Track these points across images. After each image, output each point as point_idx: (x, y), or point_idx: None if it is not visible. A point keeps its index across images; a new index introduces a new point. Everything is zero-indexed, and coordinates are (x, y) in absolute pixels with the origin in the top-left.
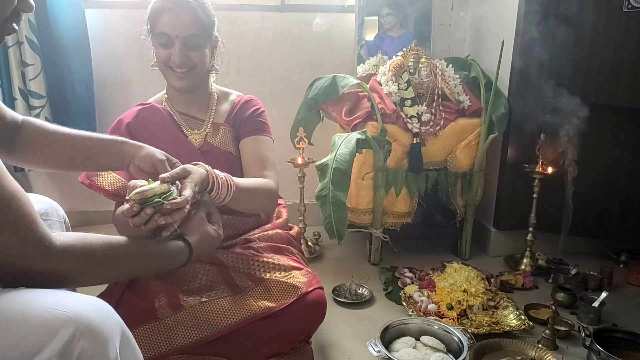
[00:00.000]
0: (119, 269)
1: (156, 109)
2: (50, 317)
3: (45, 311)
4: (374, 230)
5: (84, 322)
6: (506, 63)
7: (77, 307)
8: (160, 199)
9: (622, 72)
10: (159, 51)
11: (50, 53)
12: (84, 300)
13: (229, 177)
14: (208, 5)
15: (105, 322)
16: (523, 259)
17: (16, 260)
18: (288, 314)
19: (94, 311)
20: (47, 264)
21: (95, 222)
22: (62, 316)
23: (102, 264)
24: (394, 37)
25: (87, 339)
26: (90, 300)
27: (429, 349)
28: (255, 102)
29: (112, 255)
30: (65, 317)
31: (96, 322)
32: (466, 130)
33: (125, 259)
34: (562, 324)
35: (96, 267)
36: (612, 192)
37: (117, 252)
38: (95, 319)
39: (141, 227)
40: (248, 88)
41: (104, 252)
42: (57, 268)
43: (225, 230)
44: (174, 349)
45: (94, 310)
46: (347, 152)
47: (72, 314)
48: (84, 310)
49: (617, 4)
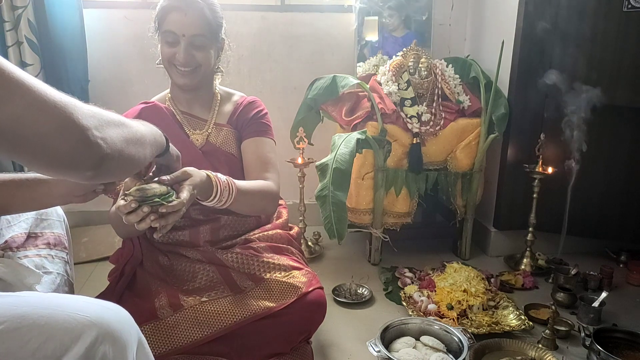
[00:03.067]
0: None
1: (159, 107)
2: (72, 322)
3: (67, 316)
4: (374, 230)
5: (105, 327)
6: (506, 63)
7: (99, 312)
8: (159, 199)
9: (622, 72)
10: (165, 49)
11: (49, 53)
12: (104, 305)
13: (231, 180)
14: (216, 7)
15: (124, 327)
16: (523, 259)
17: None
18: (288, 314)
19: (114, 317)
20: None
21: (95, 222)
22: (85, 321)
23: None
24: (397, 38)
25: (109, 344)
26: (110, 306)
27: (429, 349)
28: (258, 104)
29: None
30: (87, 322)
31: (116, 327)
32: (466, 130)
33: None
34: (562, 324)
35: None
36: (612, 192)
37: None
38: (116, 324)
39: (134, 225)
40: (248, 88)
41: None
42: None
43: (225, 230)
44: (174, 349)
45: (114, 316)
46: (347, 152)
47: (94, 319)
48: (105, 315)
49: (617, 4)
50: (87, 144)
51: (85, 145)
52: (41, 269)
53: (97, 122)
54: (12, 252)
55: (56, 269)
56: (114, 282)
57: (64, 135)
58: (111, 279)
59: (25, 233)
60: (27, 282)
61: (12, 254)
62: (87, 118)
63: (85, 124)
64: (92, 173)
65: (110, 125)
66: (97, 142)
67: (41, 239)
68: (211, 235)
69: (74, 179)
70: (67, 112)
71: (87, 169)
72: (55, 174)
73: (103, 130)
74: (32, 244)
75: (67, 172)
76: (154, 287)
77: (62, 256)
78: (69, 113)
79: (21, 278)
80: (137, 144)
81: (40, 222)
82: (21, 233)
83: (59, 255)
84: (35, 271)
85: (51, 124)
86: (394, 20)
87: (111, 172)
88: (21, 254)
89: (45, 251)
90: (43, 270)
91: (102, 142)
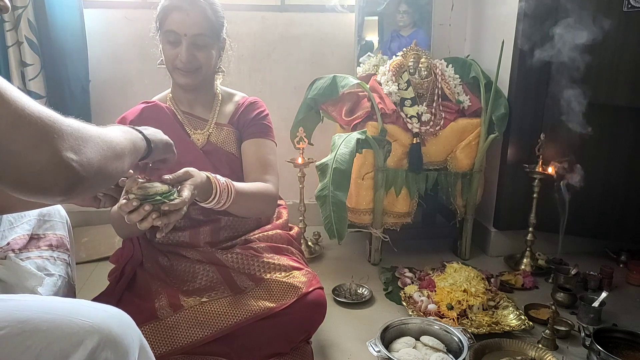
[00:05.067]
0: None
1: (160, 107)
2: (74, 327)
3: (69, 321)
4: (374, 230)
5: (106, 333)
6: (506, 63)
7: (101, 317)
8: (161, 197)
9: (622, 72)
10: (167, 49)
11: (50, 53)
12: (106, 310)
13: (230, 182)
14: (218, 6)
15: (126, 332)
16: (523, 259)
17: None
18: (288, 314)
19: (116, 322)
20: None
21: (95, 222)
22: (86, 326)
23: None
24: (403, 37)
25: (110, 349)
26: (112, 311)
27: (429, 349)
28: (260, 105)
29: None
30: (89, 327)
31: (118, 333)
32: (466, 130)
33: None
34: (562, 324)
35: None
36: (612, 192)
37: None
38: (118, 330)
39: (136, 224)
40: (248, 88)
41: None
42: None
43: (226, 232)
44: (174, 349)
45: (116, 321)
46: (347, 152)
47: (96, 324)
48: (106, 320)
49: (617, 4)
50: (60, 167)
51: (57, 168)
52: (43, 271)
53: (74, 142)
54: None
55: (58, 271)
56: (114, 282)
57: (36, 156)
58: (111, 279)
59: (28, 235)
60: (28, 285)
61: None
62: (64, 137)
63: (60, 144)
64: (63, 198)
65: (89, 143)
66: (72, 164)
67: (44, 240)
68: (211, 236)
69: (43, 201)
70: (42, 130)
71: (57, 193)
72: (22, 194)
73: (80, 151)
74: (34, 246)
75: (35, 195)
76: (154, 288)
77: (64, 258)
78: (45, 131)
79: (23, 280)
80: (116, 159)
81: (43, 224)
82: (24, 235)
83: (61, 257)
84: (37, 273)
85: (24, 142)
86: (407, 17)
87: (85, 193)
88: (23, 255)
89: (47, 253)
90: (45, 272)
91: (76, 164)
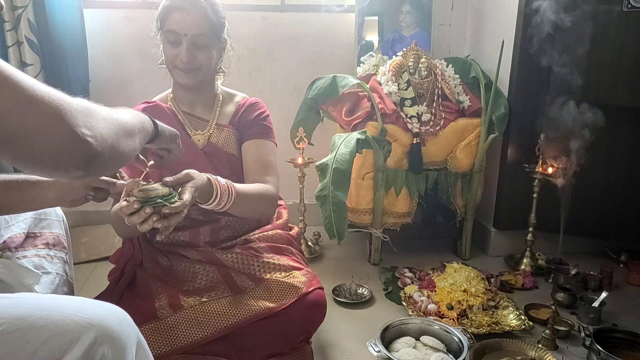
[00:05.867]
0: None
1: (160, 107)
2: (71, 324)
3: (66, 317)
4: (374, 230)
5: (104, 329)
6: (506, 63)
7: (98, 313)
8: (161, 200)
9: (622, 72)
10: (167, 49)
11: (50, 53)
12: (103, 307)
13: (230, 184)
14: (219, 7)
15: (123, 328)
16: (523, 259)
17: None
18: (288, 314)
19: (113, 318)
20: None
21: (95, 222)
22: (83, 322)
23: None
24: (405, 37)
25: (107, 345)
26: (109, 307)
27: (429, 349)
28: (260, 105)
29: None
30: (86, 323)
31: (115, 329)
32: (466, 130)
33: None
34: (562, 324)
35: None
36: (612, 192)
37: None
38: (115, 326)
39: (136, 226)
40: (248, 88)
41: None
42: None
43: (225, 231)
44: (174, 349)
45: (113, 317)
46: (347, 152)
47: (93, 320)
48: (104, 317)
49: (617, 4)
50: (76, 142)
51: (73, 143)
52: (40, 269)
53: (86, 119)
54: (10, 253)
55: (55, 269)
56: (114, 282)
57: (52, 133)
58: (111, 279)
59: (24, 233)
60: (25, 283)
61: (10, 254)
62: (76, 114)
63: (74, 121)
64: (82, 172)
65: (100, 120)
66: (87, 139)
67: (40, 239)
68: (211, 236)
69: (63, 178)
70: (55, 108)
71: (76, 168)
72: (42, 173)
73: (93, 127)
74: (31, 244)
75: (55, 172)
76: (154, 288)
77: (61, 256)
78: (57, 109)
79: (20, 278)
80: (127, 136)
81: (39, 222)
82: (20, 233)
83: (58, 255)
84: (34, 271)
85: (38, 120)
86: (410, 17)
87: (102, 169)
88: (20, 254)
89: (44, 251)
90: (42, 270)
91: (91, 139)
